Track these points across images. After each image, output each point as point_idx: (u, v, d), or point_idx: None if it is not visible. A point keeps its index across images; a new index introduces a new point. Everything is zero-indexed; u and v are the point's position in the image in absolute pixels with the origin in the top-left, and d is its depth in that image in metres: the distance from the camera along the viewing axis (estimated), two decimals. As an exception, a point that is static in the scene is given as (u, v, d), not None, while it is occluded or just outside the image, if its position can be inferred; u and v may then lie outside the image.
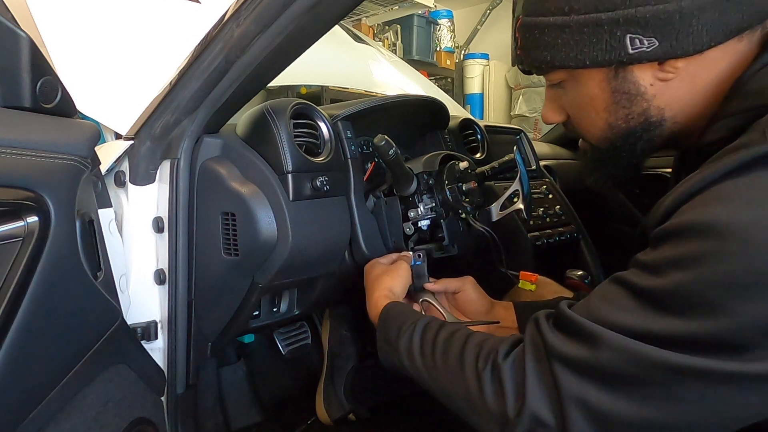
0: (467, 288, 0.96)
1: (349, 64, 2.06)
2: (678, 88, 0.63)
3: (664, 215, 0.55)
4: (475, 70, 4.41)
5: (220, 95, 0.87)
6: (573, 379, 0.55)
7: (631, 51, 0.61)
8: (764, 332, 0.47)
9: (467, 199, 1.03)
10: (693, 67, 0.61)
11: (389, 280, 0.89)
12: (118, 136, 0.94)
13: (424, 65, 3.98)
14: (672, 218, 0.53)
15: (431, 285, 0.96)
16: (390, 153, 0.92)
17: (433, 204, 1.02)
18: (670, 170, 1.87)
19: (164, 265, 0.93)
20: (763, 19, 0.60)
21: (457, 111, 1.74)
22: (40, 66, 0.64)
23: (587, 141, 0.74)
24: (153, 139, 0.91)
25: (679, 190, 0.54)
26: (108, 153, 0.90)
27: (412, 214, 1.02)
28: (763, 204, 0.48)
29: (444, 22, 4.24)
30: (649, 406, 0.52)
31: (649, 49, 0.60)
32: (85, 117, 0.89)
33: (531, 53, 0.69)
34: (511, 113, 4.27)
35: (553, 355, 0.57)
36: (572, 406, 0.54)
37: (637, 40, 0.60)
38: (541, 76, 0.73)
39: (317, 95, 2.52)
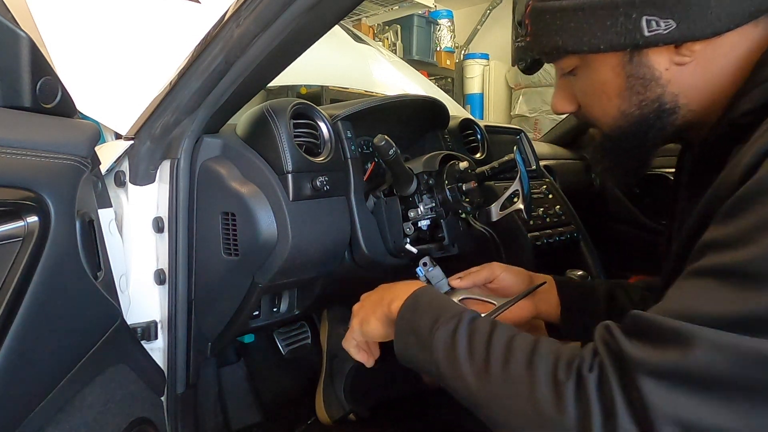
0: (498, 273, 0.89)
1: (349, 64, 2.06)
2: (693, 73, 0.61)
3: (743, 177, 0.50)
4: (475, 70, 4.41)
5: (220, 95, 0.87)
6: (663, 393, 0.46)
7: (647, 33, 0.58)
8: None
9: (467, 199, 1.03)
10: (710, 51, 0.60)
11: (401, 285, 0.78)
12: (118, 136, 0.94)
13: (424, 65, 3.97)
14: (751, 179, 0.48)
15: (459, 282, 0.90)
16: (390, 153, 0.92)
17: (433, 204, 1.02)
18: (669, 170, 1.87)
19: (164, 265, 0.93)
20: None
21: (457, 111, 1.74)
22: (40, 66, 0.64)
23: (598, 129, 0.71)
24: (153, 139, 0.91)
25: (755, 148, 0.50)
26: (108, 153, 0.90)
27: (412, 214, 1.02)
28: None
29: (444, 22, 4.24)
30: (760, 416, 0.44)
31: (665, 32, 0.58)
32: (85, 117, 0.89)
33: (542, 39, 0.66)
34: (511, 113, 4.27)
35: (636, 367, 0.47)
36: (666, 428, 0.45)
37: (654, 22, 0.58)
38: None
39: (317, 95, 2.52)
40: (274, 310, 1.07)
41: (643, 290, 0.91)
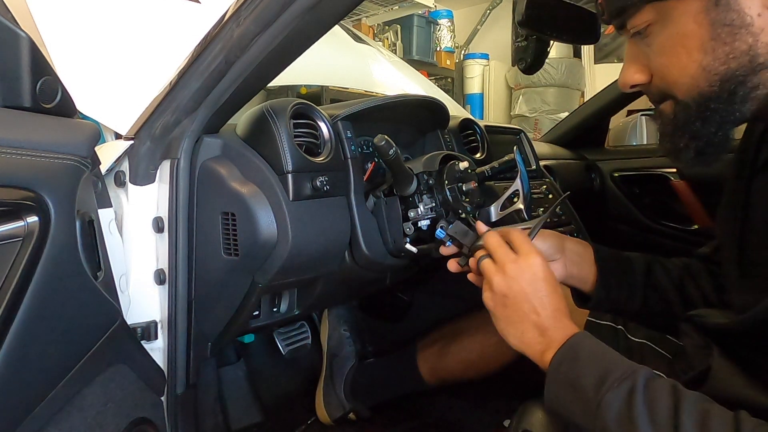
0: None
1: (349, 64, 2.06)
2: None
3: None
4: (475, 70, 4.42)
5: (220, 95, 0.87)
6: None
7: None
8: None
9: (467, 199, 1.03)
10: None
11: (545, 285, 0.68)
12: (118, 136, 0.94)
13: (424, 65, 3.98)
14: None
15: (485, 227, 0.82)
16: (390, 153, 0.92)
17: (433, 204, 1.02)
18: (669, 170, 1.86)
19: (164, 265, 0.93)
20: None
21: (457, 111, 1.74)
22: (40, 66, 0.64)
23: (674, 96, 0.61)
24: (153, 139, 0.91)
25: None
26: (108, 153, 0.90)
27: (412, 214, 1.02)
28: None
29: (444, 22, 4.24)
30: None
31: None
32: (85, 117, 0.89)
33: None
34: (511, 113, 4.27)
35: None
36: None
37: None
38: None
39: (317, 95, 2.53)
40: (274, 310, 1.07)
41: (682, 270, 0.86)
